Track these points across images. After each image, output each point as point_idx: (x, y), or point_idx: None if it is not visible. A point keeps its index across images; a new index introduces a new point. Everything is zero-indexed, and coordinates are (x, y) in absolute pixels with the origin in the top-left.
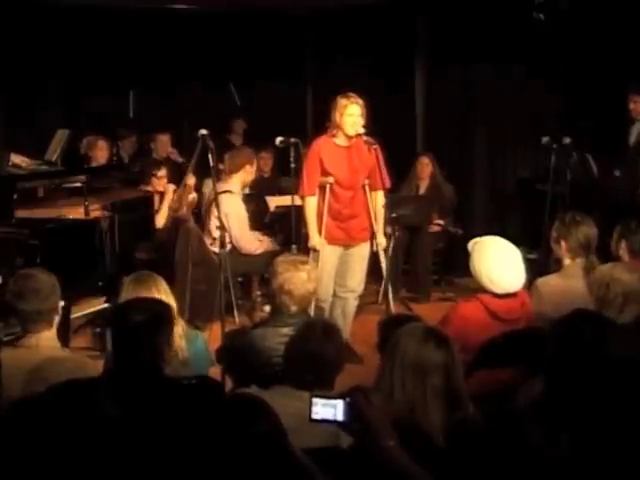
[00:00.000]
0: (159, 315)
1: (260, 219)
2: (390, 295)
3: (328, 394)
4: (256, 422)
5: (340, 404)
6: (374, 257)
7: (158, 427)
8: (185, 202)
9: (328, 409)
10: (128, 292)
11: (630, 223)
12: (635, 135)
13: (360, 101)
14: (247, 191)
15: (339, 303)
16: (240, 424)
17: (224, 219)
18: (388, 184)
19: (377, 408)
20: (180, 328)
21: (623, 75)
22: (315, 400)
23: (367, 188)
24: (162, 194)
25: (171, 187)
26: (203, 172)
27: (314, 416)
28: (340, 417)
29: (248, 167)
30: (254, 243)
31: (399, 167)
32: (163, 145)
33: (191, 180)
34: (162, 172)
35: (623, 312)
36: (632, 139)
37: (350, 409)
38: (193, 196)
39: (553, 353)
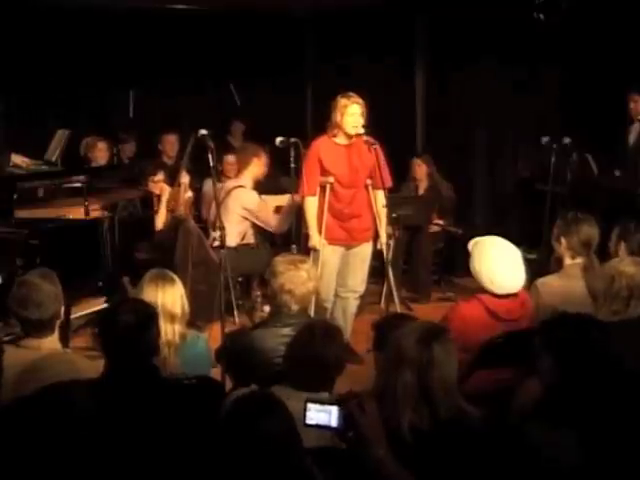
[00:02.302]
0: (146, 313)
1: None
2: (395, 294)
3: (323, 399)
4: (267, 419)
5: (335, 410)
6: (377, 257)
7: (158, 426)
8: (181, 201)
9: (323, 415)
10: (147, 289)
11: (629, 224)
12: (635, 135)
13: (360, 100)
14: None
15: (340, 303)
16: (249, 421)
17: (246, 215)
18: (389, 183)
19: (370, 416)
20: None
21: (623, 75)
22: (309, 405)
23: (370, 188)
24: (158, 197)
25: (167, 188)
26: (204, 172)
27: (308, 421)
28: (334, 423)
29: (255, 160)
30: (277, 220)
31: (399, 167)
32: (171, 146)
33: (185, 178)
34: (159, 176)
35: (629, 306)
36: (632, 139)
37: (344, 415)
38: (189, 195)
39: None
